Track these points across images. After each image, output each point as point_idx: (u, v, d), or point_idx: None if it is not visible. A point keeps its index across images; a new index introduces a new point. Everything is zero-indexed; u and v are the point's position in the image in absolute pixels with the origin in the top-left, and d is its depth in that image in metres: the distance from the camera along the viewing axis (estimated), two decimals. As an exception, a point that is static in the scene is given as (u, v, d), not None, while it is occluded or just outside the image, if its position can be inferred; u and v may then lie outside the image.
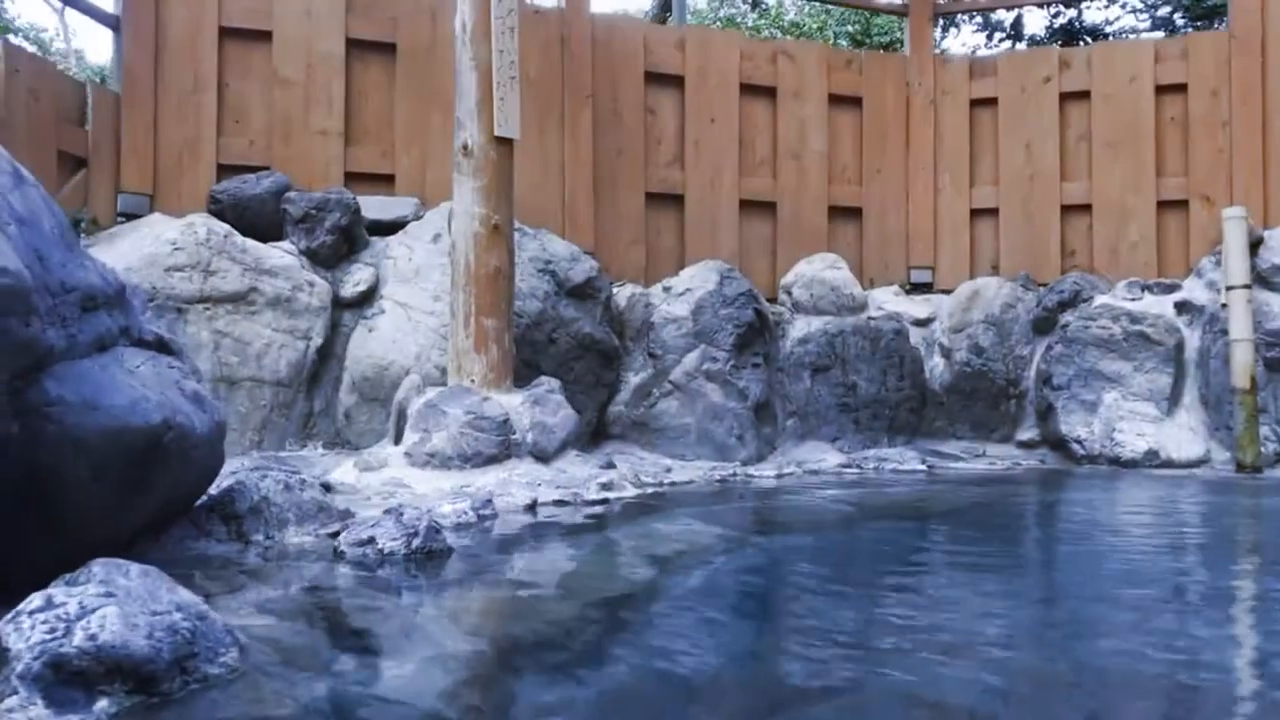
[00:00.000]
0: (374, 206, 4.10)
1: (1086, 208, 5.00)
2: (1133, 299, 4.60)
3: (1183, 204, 4.85)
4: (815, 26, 10.59)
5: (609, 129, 4.62)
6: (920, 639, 1.43)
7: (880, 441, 4.59)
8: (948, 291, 5.01)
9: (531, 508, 2.79)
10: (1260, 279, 4.36)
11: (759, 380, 4.30)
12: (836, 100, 5.09)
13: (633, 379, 4.22)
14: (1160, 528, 2.71)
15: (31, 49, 8.98)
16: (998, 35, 11.58)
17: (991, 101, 5.14)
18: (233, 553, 2.00)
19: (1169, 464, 4.15)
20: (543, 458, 3.32)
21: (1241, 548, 2.48)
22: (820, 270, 4.80)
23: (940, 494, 3.42)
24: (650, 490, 3.31)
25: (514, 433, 3.26)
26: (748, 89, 4.91)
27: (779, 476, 3.83)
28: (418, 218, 4.09)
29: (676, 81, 4.78)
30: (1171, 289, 4.57)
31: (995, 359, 4.67)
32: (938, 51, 5.77)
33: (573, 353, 3.98)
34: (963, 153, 5.16)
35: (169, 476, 1.77)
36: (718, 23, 12.21)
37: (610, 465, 3.50)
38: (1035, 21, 15.12)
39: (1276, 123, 4.69)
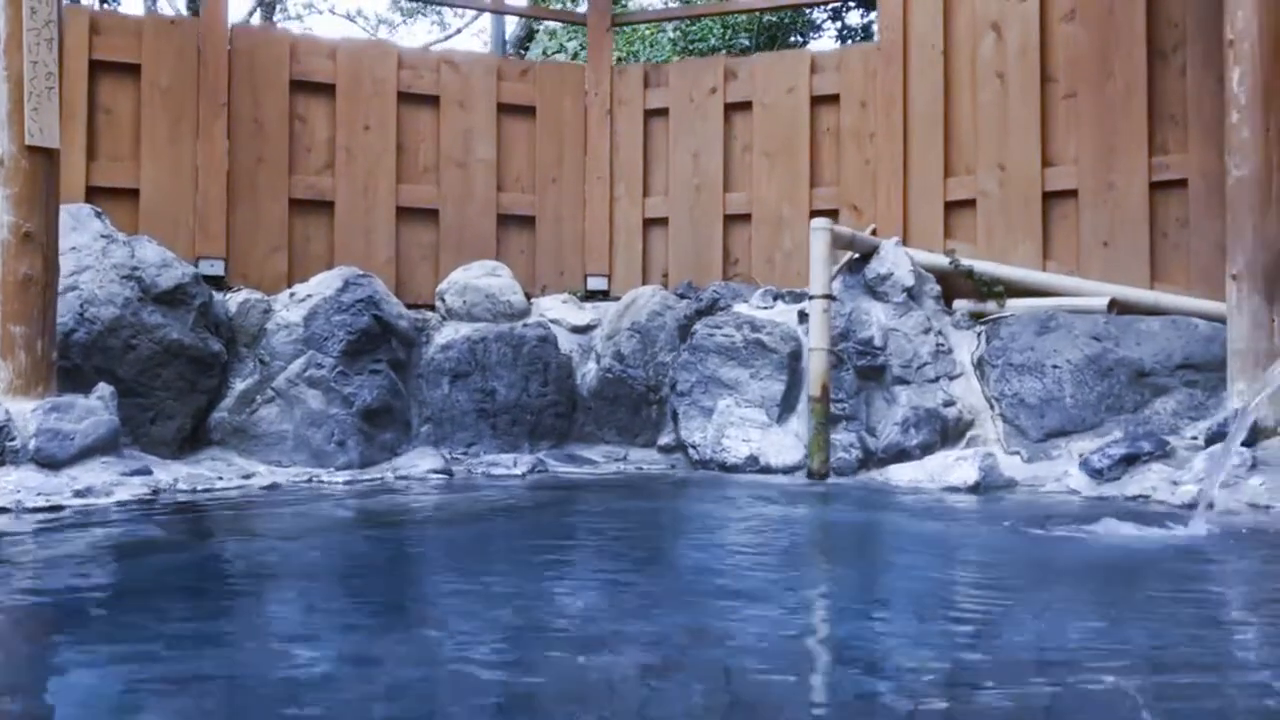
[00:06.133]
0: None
1: (747, 217, 5.08)
2: (765, 307, 4.68)
3: (834, 213, 4.91)
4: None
5: (249, 137, 4.66)
6: None
7: (521, 447, 4.63)
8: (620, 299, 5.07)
9: (-46, 515, 2.82)
10: (868, 288, 4.45)
11: (375, 387, 4.34)
12: (508, 109, 5.15)
13: (239, 385, 4.26)
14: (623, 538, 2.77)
15: None
16: (850, 42, 11.67)
17: (664, 112, 5.22)
18: None
19: (767, 470, 4.22)
20: (51, 465, 3.34)
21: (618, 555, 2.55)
22: (476, 277, 4.86)
23: (497, 500, 3.45)
24: (175, 498, 3.33)
25: (12, 439, 3.29)
26: (408, 97, 4.96)
27: (350, 484, 3.86)
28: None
29: (329, 90, 4.83)
30: (801, 298, 4.64)
31: (636, 365, 4.74)
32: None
33: (157, 359, 4.00)
34: (637, 162, 5.23)
35: None
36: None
37: (143, 471, 3.53)
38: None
39: (917, 134, 4.77)
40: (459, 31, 18.48)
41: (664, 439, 4.74)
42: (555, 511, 3.31)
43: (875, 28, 11.79)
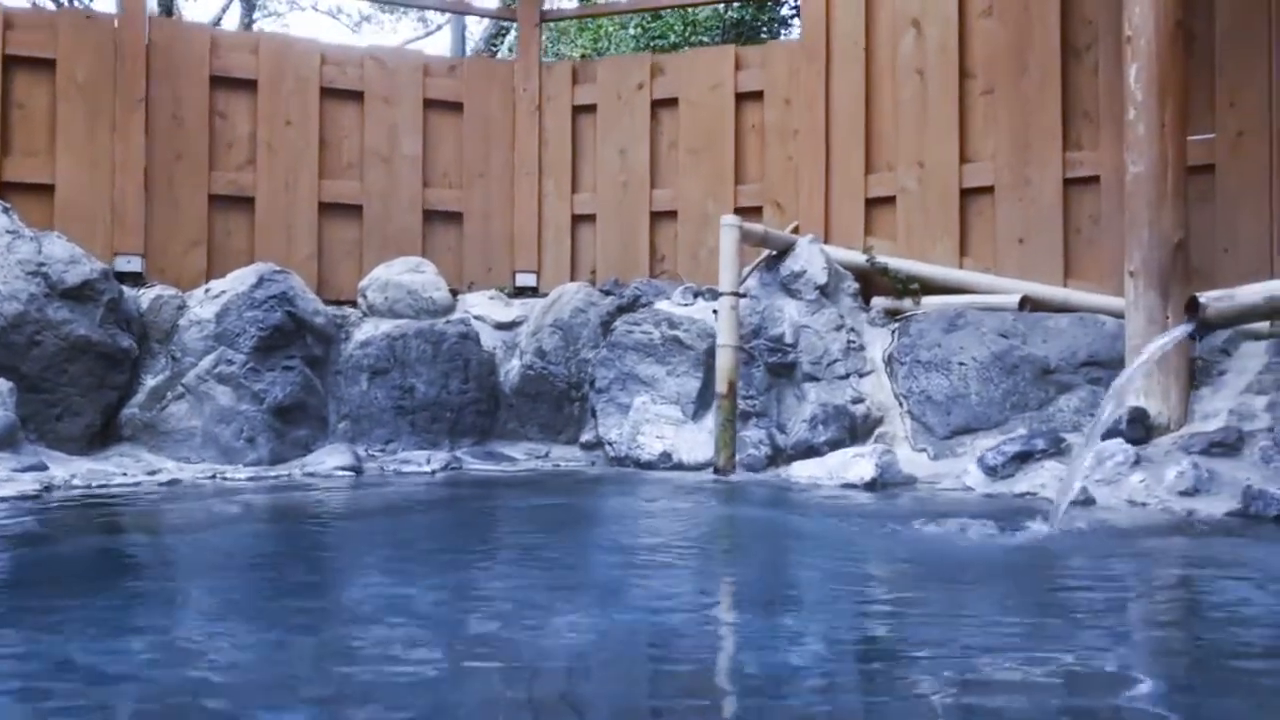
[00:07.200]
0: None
1: (674, 214, 5.08)
2: (685, 304, 4.67)
3: (758, 210, 4.92)
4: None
5: (167, 132, 4.65)
6: None
7: (441, 444, 4.62)
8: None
9: None
10: (782, 285, 4.44)
11: (288, 383, 4.33)
12: (436, 105, 5.14)
13: (150, 382, 4.25)
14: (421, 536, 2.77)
15: None
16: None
17: (592, 108, 5.21)
18: None
19: (680, 466, 4.21)
20: (-62, 460, 3.35)
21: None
22: (398, 273, 4.85)
23: (393, 497, 3.44)
24: (68, 494, 3.30)
25: (-103, 435, 3.29)
26: (332, 93, 4.96)
27: (254, 480, 3.85)
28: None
29: (250, 85, 4.82)
30: (720, 295, 4.63)
31: (558, 362, 4.73)
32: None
33: (63, 355, 4.00)
34: (565, 158, 5.23)
35: None
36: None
37: (38, 468, 3.53)
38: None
39: (839, 131, 4.76)
40: (439, 28, 18.46)
41: (585, 436, 4.73)
42: (444, 509, 3.30)
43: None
